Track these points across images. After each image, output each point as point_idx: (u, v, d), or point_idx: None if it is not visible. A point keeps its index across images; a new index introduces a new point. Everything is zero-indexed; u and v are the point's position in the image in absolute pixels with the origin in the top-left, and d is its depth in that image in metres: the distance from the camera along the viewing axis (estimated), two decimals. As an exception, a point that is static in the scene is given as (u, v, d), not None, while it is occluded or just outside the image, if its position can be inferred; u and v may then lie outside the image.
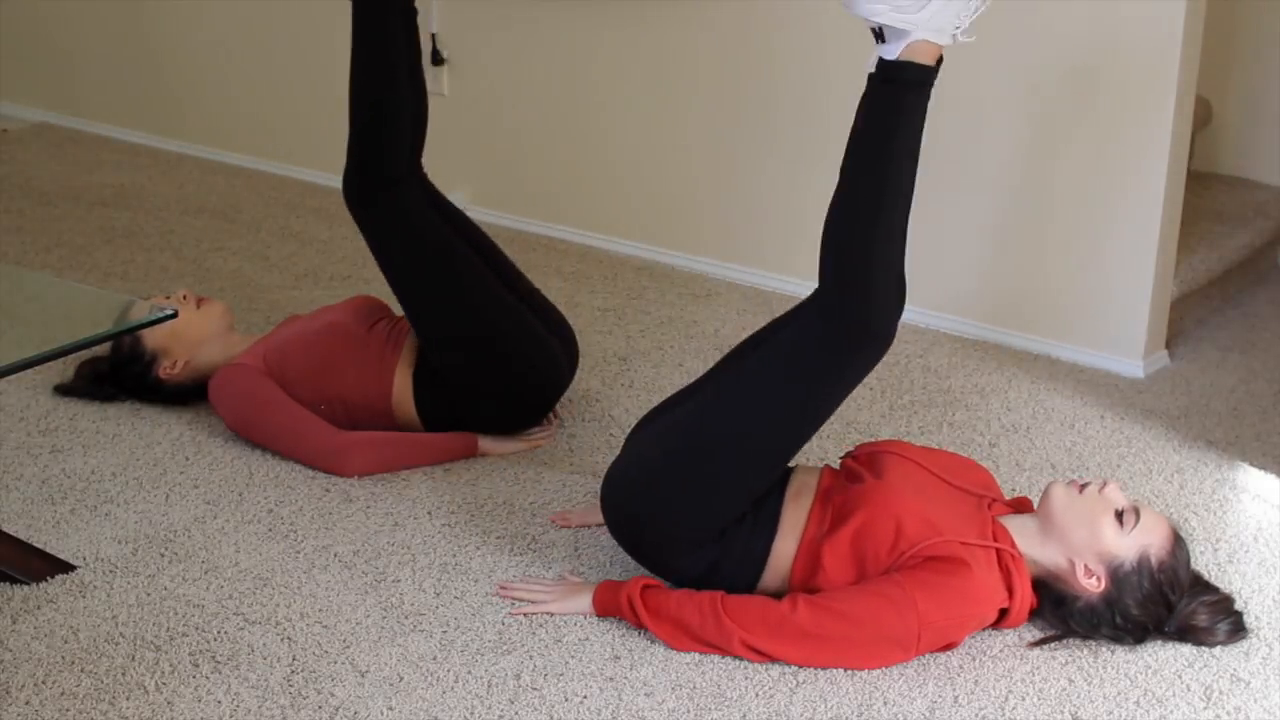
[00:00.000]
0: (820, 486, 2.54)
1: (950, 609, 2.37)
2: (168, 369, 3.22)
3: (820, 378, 2.43)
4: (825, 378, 2.43)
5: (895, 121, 2.36)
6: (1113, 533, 2.41)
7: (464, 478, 3.01)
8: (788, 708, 2.32)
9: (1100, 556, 2.41)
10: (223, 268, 4.15)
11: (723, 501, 2.47)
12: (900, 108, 2.36)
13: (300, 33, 4.86)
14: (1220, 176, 4.36)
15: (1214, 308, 3.94)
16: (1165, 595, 2.42)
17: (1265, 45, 4.23)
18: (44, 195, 4.76)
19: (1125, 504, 2.44)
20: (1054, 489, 2.48)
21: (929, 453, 2.62)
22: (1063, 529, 2.44)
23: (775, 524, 2.49)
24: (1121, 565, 2.41)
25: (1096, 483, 2.46)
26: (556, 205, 4.40)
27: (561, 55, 4.29)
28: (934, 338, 3.74)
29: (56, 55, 5.52)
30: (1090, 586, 2.43)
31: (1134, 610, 2.42)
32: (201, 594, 2.60)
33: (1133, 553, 2.40)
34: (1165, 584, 2.41)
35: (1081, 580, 2.43)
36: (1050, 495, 2.47)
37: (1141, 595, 2.41)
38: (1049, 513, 2.46)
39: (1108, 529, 2.41)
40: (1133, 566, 2.40)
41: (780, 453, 2.48)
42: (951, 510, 2.47)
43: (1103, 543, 2.41)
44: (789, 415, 2.45)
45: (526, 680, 2.37)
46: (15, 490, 2.94)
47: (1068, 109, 3.48)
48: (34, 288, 3.24)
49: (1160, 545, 2.41)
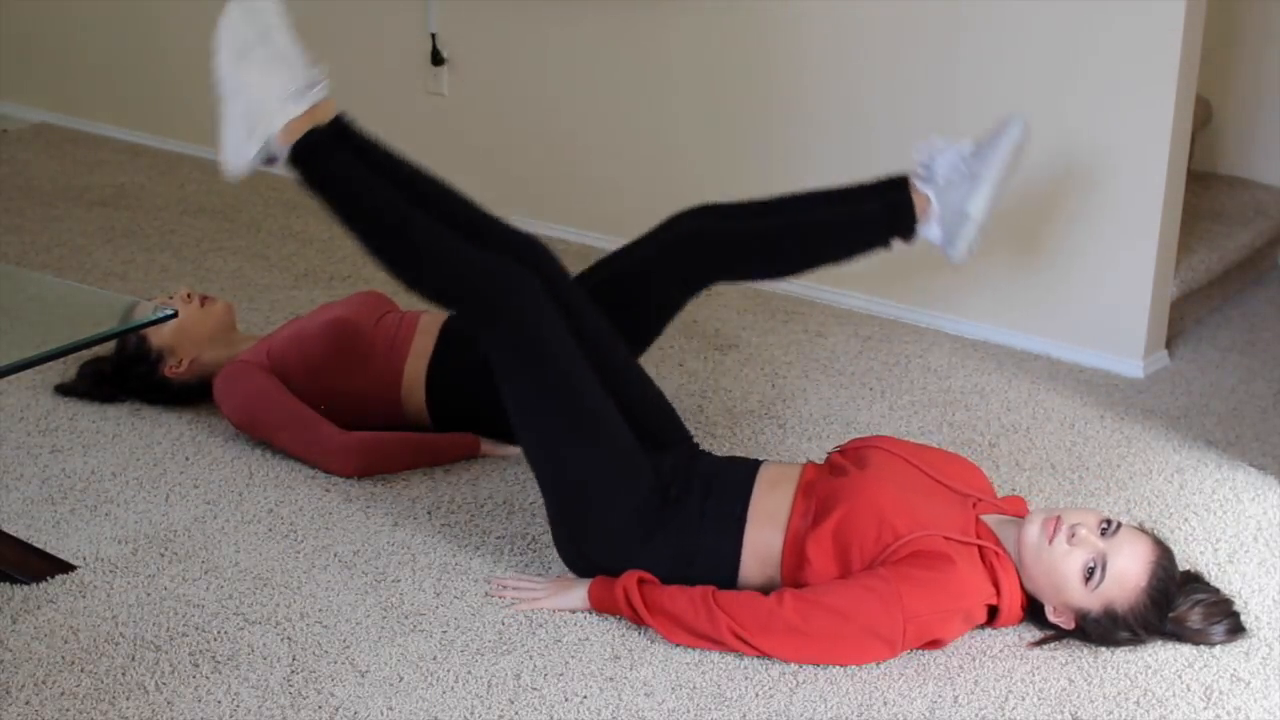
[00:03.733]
0: (803, 479, 2.55)
1: (935, 603, 2.38)
2: (173, 368, 3.22)
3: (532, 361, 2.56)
4: (534, 357, 2.56)
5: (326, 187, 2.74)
6: (1078, 592, 2.40)
7: (464, 478, 3.01)
8: (787, 708, 2.32)
9: (1067, 605, 2.43)
10: (223, 268, 4.15)
11: (599, 494, 2.53)
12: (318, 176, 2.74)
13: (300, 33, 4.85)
14: (1220, 176, 4.36)
15: (1214, 308, 3.94)
16: (1136, 633, 2.43)
17: (1265, 45, 4.23)
18: (44, 195, 4.76)
19: (1093, 556, 2.37)
20: (1029, 530, 2.43)
21: (918, 449, 2.63)
22: (1031, 574, 2.44)
23: (744, 511, 2.51)
24: (1088, 614, 2.42)
25: (1065, 531, 2.39)
26: (556, 205, 4.40)
27: (561, 55, 4.29)
28: (934, 338, 3.74)
29: (56, 55, 5.52)
30: (1060, 623, 2.46)
31: (1106, 642, 2.45)
32: (201, 594, 2.60)
33: (1097, 605, 2.40)
34: (1137, 624, 2.41)
35: (1050, 617, 2.46)
36: (1024, 536, 2.43)
37: (1112, 639, 2.44)
38: (1021, 552, 2.45)
39: (1073, 589, 2.40)
40: (1098, 616, 2.42)
41: (588, 418, 2.55)
42: (934, 505, 2.48)
43: (1067, 598, 2.42)
44: (555, 397, 2.55)
45: (526, 680, 2.37)
46: (15, 490, 2.94)
47: (1067, 109, 3.48)
48: (34, 288, 3.24)
49: (1125, 599, 2.39)
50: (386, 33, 4.64)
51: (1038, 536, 2.42)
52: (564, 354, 2.57)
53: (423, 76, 4.57)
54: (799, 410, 3.33)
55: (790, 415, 3.31)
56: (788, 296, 3.97)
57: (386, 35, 4.64)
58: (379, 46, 4.67)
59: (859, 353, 3.64)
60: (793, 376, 3.50)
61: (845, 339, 3.72)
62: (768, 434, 3.22)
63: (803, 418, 3.30)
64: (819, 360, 3.59)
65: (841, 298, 3.93)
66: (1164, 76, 3.34)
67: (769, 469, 2.58)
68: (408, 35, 4.57)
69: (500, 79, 4.42)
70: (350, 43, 4.73)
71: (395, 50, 4.62)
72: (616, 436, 2.56)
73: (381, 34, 4.66)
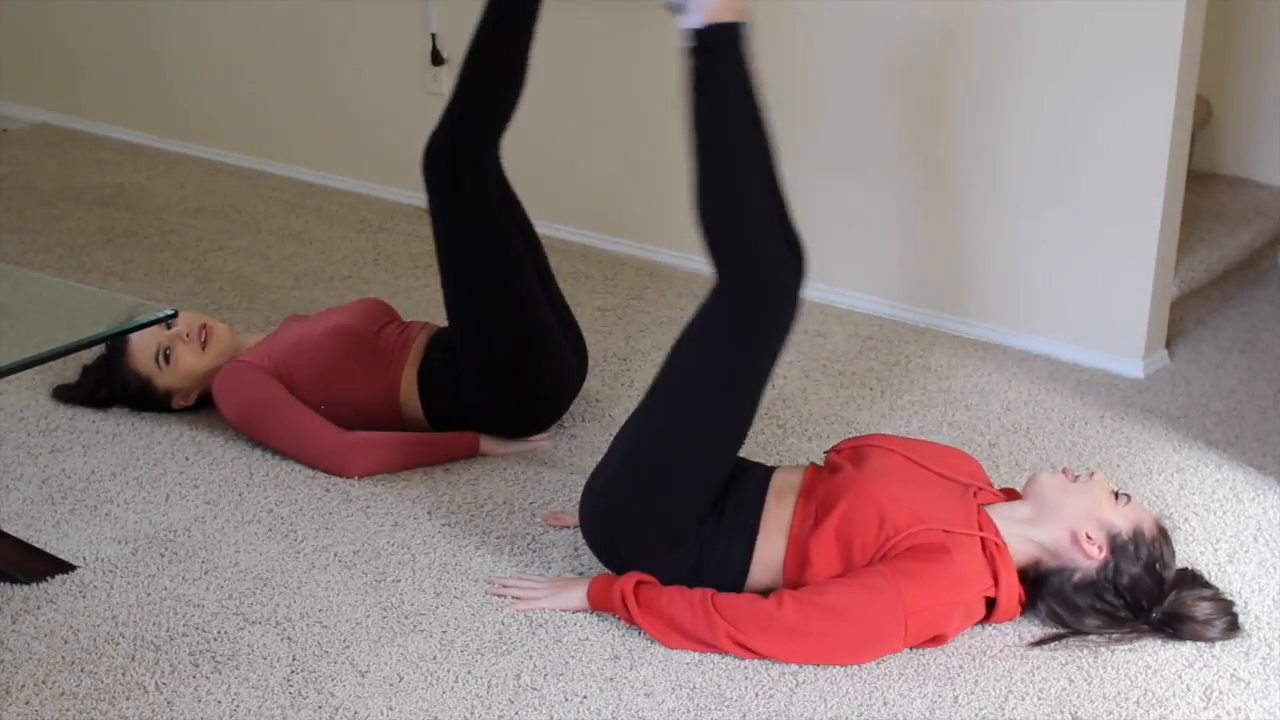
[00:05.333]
0: (804, 483, 2.55)
1: (936, 595, 2.38)
2: (180, 401, 3.24)
3: (735, 355, 2.44)
4: (740, 354, 2.44)
5: (718, 86, 2.42)
6: (1108, 504, 2.49)
7: (464, 478, 3.01)
8: (787, 708, 2.32)
9: (1100, 524, 2.46)
10: (223, 268, 4.15)
11: (680, 498, 2.48)
12: (720, 72, 2.41)
13: (301, 33, 4.86)
14: (1220, 176, 4.36)
15: (1214, 308, 3.94)
16: (1158, 571, 2.46)
17: (1265, 45, 4.23)
18: (44, 195, 4.76)
19: (1114, 488, 2.54)
20: (1042, 476, 2.55)
21: (913, 443, 2.65)
22: (1059, 505, 2.49)
23: (757, 522, 2.50)
24: (1120, 534, 2.46)
25: (1085, 473, 2.55)
26: (557, 205, 4.39)
27: (561, 55, 4.29)
28: (934, 337, 3.74)
29: (56, 55, 5.52)
30: (1093, 554, 2.46)
31: (1129, 582, 2.45)
32: (201, 594, 2.60)
33: (1128, 524, 2.47)
34: (1158, 558, 2.46)
35: (1084, 547, 2.46)
36: (1040, 481, 2.54)
37: (1138, 566, 2.45)
38: (1041, 496, 2.52)
39: (1104, 500, 2.49)
40: (1129, 536, 2.46)
41: (722, 437, 2.49)
42: (935, 497, 2.48)
43: (1100, 512, 2.47)
44: (717, 400, 2.46)
45: (526, 680, 2.37)
46: (15, 490, 2.94)
47: (1067, 109, 3.48)
48: (34, 288, 3.24)
49: (1152, 523, 2.50)
50: (386, 33, 4.64)
51: (1055, 478, 2.53)
52: (767, 367, 2.48)
53: (423, 76, 4.58)
54: (799, 410, 3.33)
55: (790, 415, 3.31)
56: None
57: (386, 35, 4.64)
58: (379, 46, 4.67)
59: (859, 353, 3.64)
60: (793, 376, 3.50)
61: (845, 339, 3.72)
62: (768, 434, 3.22)
63: (803, 418, 3.30)
64: (819, 360, 3.59)
65: (841, 298, 3.93)
66: (1164, 76, 3.34)
67: (777, 478, 2.57)
68: (408, 35, 4.57)
69: (500, 79, 4.42)
70: (350, 43, 4.73)
71: (395, 50, 4.62)
72: (730, 463, 2.53)
73: (381, 34, 4.66)
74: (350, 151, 4.87)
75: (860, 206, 3.86)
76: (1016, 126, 3.57)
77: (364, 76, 4.74)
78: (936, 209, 3.74)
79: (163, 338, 3.18)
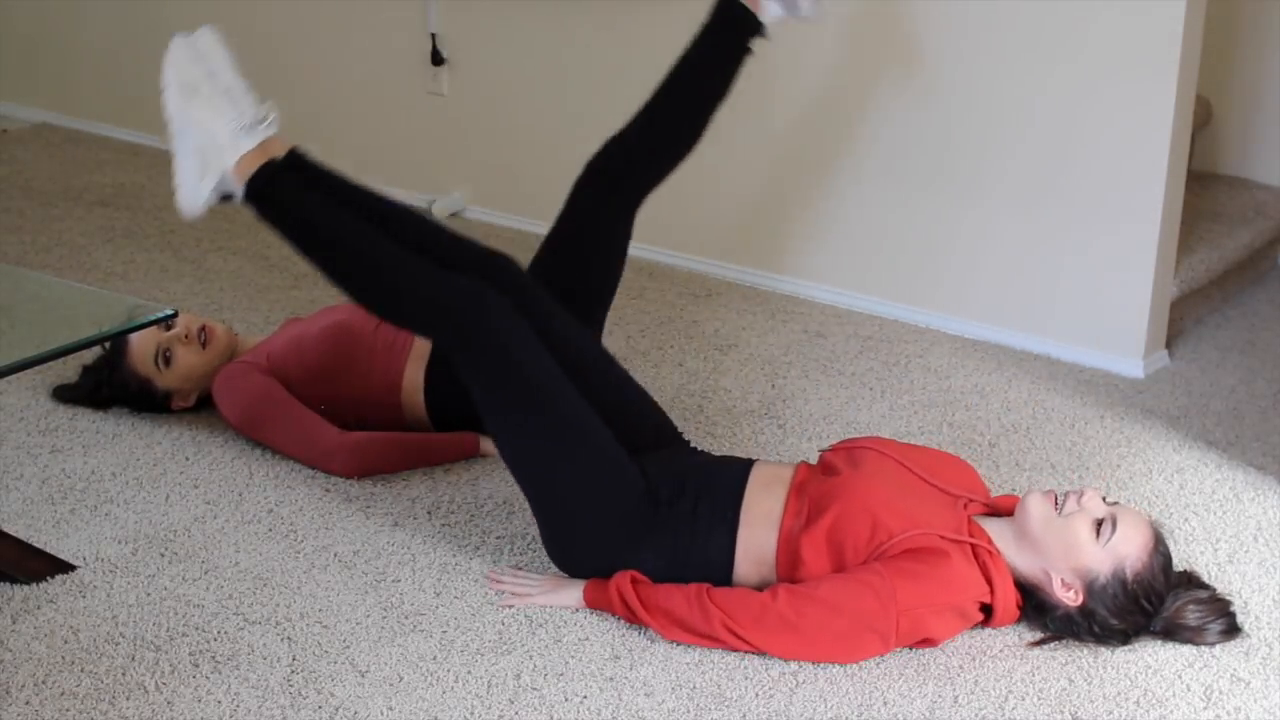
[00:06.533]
0: (795, 479, 2.54)
1: (929, 596, 2.38)
2: (180, 402, 3.24)
3: (499, 369, 2.56)
4: (498, 363, 2.56)
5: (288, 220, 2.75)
6: (1089, 545, 2.40)
7: (464, 478, 3.01)
8: (787, 708, 2.32)
9: (1076, 571, 2.42)
10: (223, 268, 4.15)
11: (595, 492, 2.53)
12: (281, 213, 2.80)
13: (301, 33, 4.86)
14: (1220, 176, 4.36)
15: (1214, 308, 3.94)
16: (1141, 605, 2.42)
17: (1265, 45, 4.23)
18: (44, 195, 4.76)
19: (1104, 513, 2.42)
20: (1031, 501, 2.46)
21: (910, 449, 2.63)
22: (1038, 542, 2.44)
23: (736, 513, 2.50)
24: (1097, 579, 2.41)
25: (1075, 494, 2.44)
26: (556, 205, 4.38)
27: (561, 55, 4.29)
28: (934, 338, 3.74)
29: (56, 55, 5.52)
30: (1067, 600, 2.43)
31: (1111, 621, 2.43)
32: (201, 594, 2.60)
33: (1107, 566, 2.40)
34: (1141, 594, 2.41)
35: (1058, 593, 2.43)
36: (1027, 508, 2.46)
37: (1117, 607, 2.42)
38: (1025, 526, 2.45)
39: (1085, 546, 2.40)
40: (1107, 579, 2.40)
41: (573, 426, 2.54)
42: (926, 506, 2.48)
43: (1078, 557, 2.40)
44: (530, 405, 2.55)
45: (526, 680, 2.37)
46: (15, 490, 2.94)
47: (1067, 109, 3.48)
48: (34, 288, 3.24)
49: (1136, 556, 2.40)
50: (386, 33, 4.64)
51: (1043, 507, 2.44)
52: (538, 370, 2.56)
53: (423, 76, 4.57)
54: (799, 410, 3.33)
55: (790, 415, 3.31)
56: (788, 296, 3.97)
57: (386, 35, 4.64)
58: (379, 46, 4.67)
59: (859, 353, 3.64)
60: (793, 376, 3.50)
61: (845, 339, 3.72)
62: (768, 434, 3.22)
63: (803, 418, 3.30)
64: (819, 360, 3.59)
65: (841, 298, 3.93)
66: (1164, 76, 3.33)
67: (761, 469, 2.58)
68: (408, 35, 4.57)
69: (500, 79, 4.42)
70: (350, 43, 4.73)
71: (395, 50, 4.62)
72: (600, 447, 2.55)
73: (381, 34, 4.66)
74: (350, 151, 4.86)
75: (860, 206, 3.85)
76: (1017, 126, 3.57)
77: (364, 76, 4.74)
78: (936, 209, 3.74)
79: (162, 339, 3.18)
